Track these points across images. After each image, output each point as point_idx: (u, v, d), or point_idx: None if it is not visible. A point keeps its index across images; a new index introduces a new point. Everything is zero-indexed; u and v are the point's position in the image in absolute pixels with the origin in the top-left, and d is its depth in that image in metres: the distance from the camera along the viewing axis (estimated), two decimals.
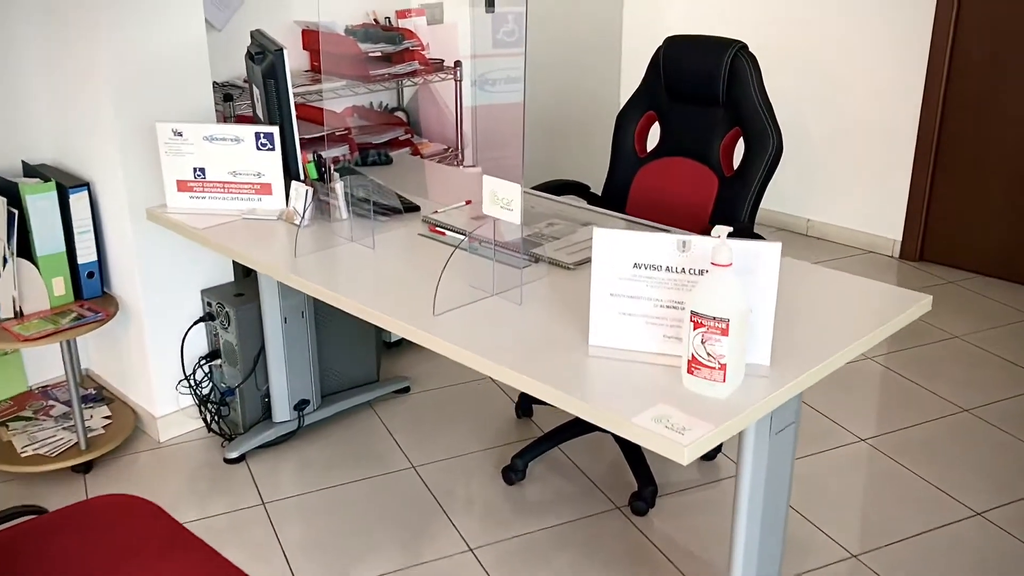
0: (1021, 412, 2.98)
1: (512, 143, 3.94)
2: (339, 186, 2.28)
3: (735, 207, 2.47)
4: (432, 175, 2.81)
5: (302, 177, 2.35)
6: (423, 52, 3.31)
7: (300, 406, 2.80)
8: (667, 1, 4.78)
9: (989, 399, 3.06)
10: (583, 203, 2.72)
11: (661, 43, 2.64)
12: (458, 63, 3.42)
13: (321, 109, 3.15)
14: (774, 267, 1.53)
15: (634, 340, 1.63)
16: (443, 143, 3.54)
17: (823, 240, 4.47)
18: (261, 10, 3.18)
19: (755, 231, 2.44)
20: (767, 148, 2.44)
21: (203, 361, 2.80)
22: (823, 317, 1.77)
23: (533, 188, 2.65)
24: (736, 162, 2.55)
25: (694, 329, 1.47)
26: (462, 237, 2.19)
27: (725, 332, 1.44)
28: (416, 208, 2.39)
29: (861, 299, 1.87)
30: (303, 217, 2.26)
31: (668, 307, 1.59)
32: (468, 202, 2.44)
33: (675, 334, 1.60)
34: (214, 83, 3.05)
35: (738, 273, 1.49)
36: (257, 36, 2.42)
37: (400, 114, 3.61)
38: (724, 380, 1.46)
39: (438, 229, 2.24)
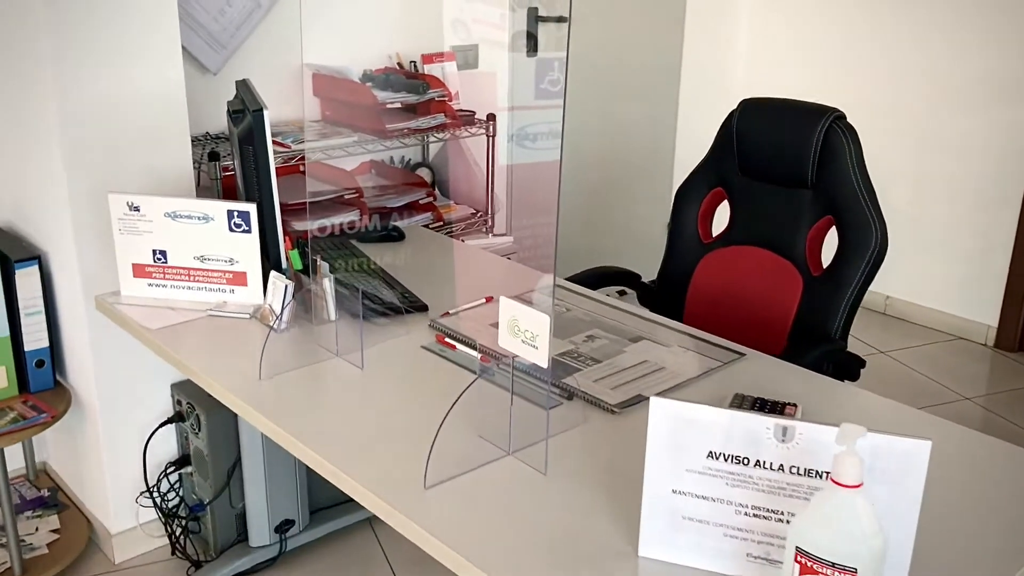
0: None
1: (551, 208, 3.47)
2: (327, 282, 1.81)
3: (826, 316, 1.96)
4: (452, 256, 2.34)
5: (284, 266, 1.89)
6: (451, 103, 2.86)
7: (283, 527, 2.33)
8: (733, 53, 4.29)
9: None
10: (633, 301, 2.23)
11: (736, 106, 2.16)
12: (491, 116, 2.97)
13: (329, 167, 2.71)
14: (919, 478, 1.03)
15: (704, 558, 1.13)
16: (471, 206, 3.09)
17: (903, 321, 3.92)
18: (266, 51, 2.75)
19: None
20: (869, 244, 1.93)
21: (170, 469, 2.35)
22: (959, 520, 1.26)
23: (569, 278, 2.17)
24: (825, 256, 2.05)
25: (799, 574, 0.97)
26: (474, 354, 1.71)
27: None
28: (423, 308, 1.92)
29: (1008, 483, 1.35)
30: (280, 319, 1.80)
31: (756, 516, 1.10)
32: (489, 299, 1.97)
33: (764, 554, 1.10)
34: (204, 135, 2.63)
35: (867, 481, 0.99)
36: (240, 89, 1.98)
37: (424, 171, 3.16)
38: None
39: (448, 340, 1.77)
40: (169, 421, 2.32)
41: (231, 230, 1.87)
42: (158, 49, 2.14)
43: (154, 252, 1.91)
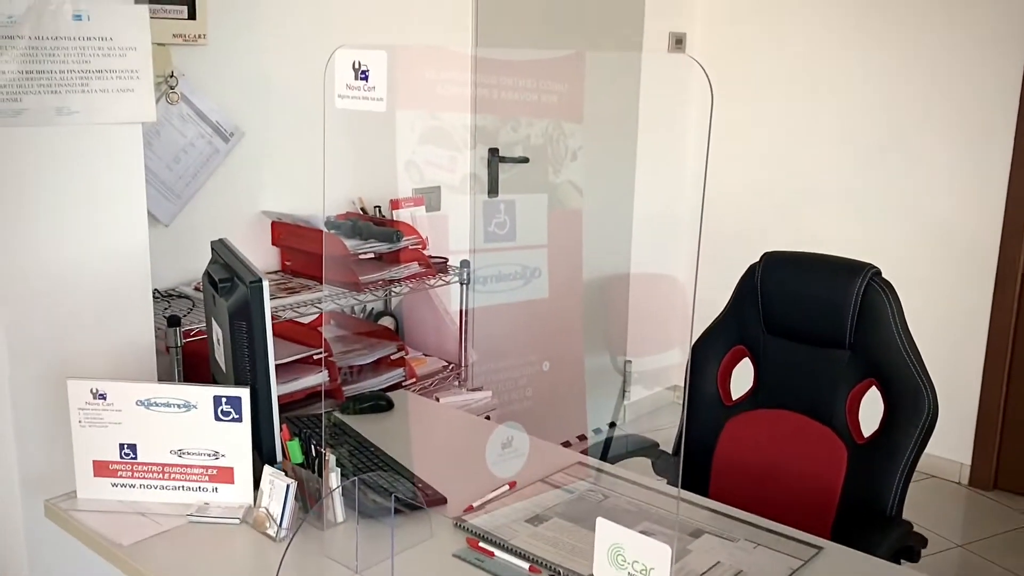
0: None
1: (517, 351, 3.26)
2: (335, 478, 1.55)
3: (880, 490, 1.80)
4: (450, 426, 2.10)
5: (279, 460, 1.62)
6: (423, 251, 2.67)
7: None
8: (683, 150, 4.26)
9: None
10: (647, 471, 2.03)
11: (758, 260, 2.03)
12: (465, 263, 2.78)
13: (296, 324, 2.45)
14: None
15: None
16: (441, 358, 2.86)
17: None
18: (219, 199, 2.51)
19: None
20: (921, 410, 1.80)
21: None
22: None
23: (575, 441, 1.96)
24: (867, 422, 1.90)
25: None
26: (519, 565, 1.46)
27: None
28: (442, 500, 1.66)
29: None
30: (280, 526, 1.52)
31: None
32: (512, 485, 1.73)
33: None
34: (154, 293, 2.34)
35: None
36: (222, 252, 1.74)
37: (388, 320, 2.93)
38: None
39: (483, 546, 1.52)
40: None
41: (217, 419, 1.59)
42: (119, 200, 1.88)
43: (121, 447, 1.61)
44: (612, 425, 3.58)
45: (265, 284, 1.56)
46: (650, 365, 4.30)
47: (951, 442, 3.61)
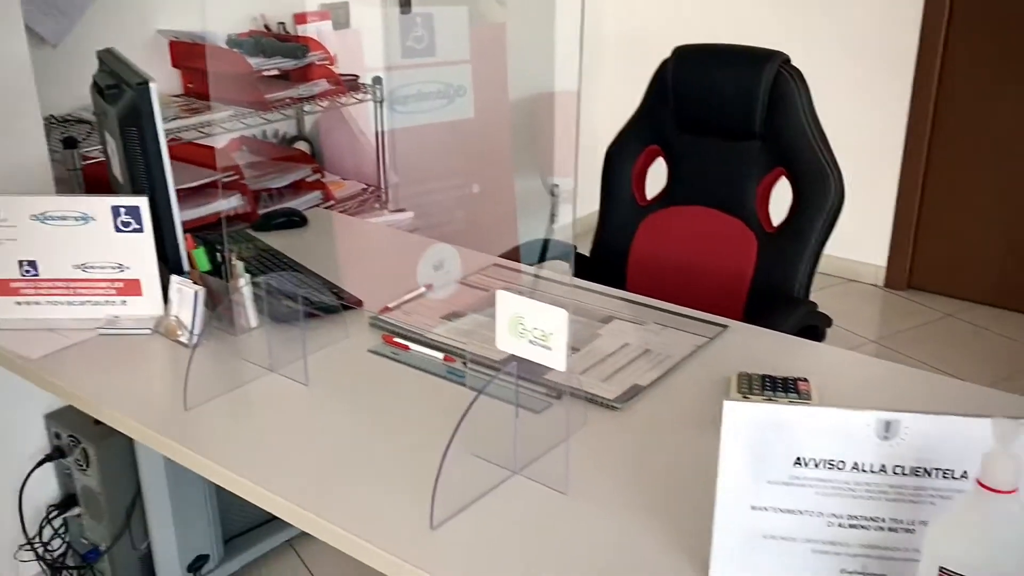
0: None
1: (441, 174, 3.23)
2: (244, 285, 1.53)
3: (788, 275, 1.85)
4: (366, 239, 2.08)
5: (186, 269, 1.59)
6: (332, 67, 2.57)
7: (196, 565, 2.03)
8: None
9: None
10: (565, 272, 2.06)
11: (669, 55, 1.99)
12: (377, 80, 2.70)
13: (201, 146, 2.37)
14: None
15: None
16: (361, 181, 2.81)
17: None
18: (111, 18, 2.37)
19: None
20: (827, 194, 1.82)
21: (53, 513, 2.00)
22: None
23: (501, 256, 1.97)
24: (775, 211, 1.93)
25: None
26: (433, 355, 1.48)
27: None
28: (358, 303, 1.66)
29: None
30: (193, 333, 1.51)
31: (853, 527, 0.94)
32: (429, 286, 1.74)
33: (861, 568, 0.95)
34: (48, 119, 2.24)
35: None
36: (108, 60, 1.65)
37: (302, 145, 2.85)
38: None
39: (397, 340, 1.53)
40: (47, 459, 1.97)
41: (118, 230, 1.55)
42: None
43: (21, 263, 1.57)
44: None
45: (153, 86, 1.49)
46: (575, 185, 4.29)
47: (868, 245, 3.73)
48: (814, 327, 1.83)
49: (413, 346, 1.51)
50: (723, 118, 1.92)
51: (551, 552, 1.04)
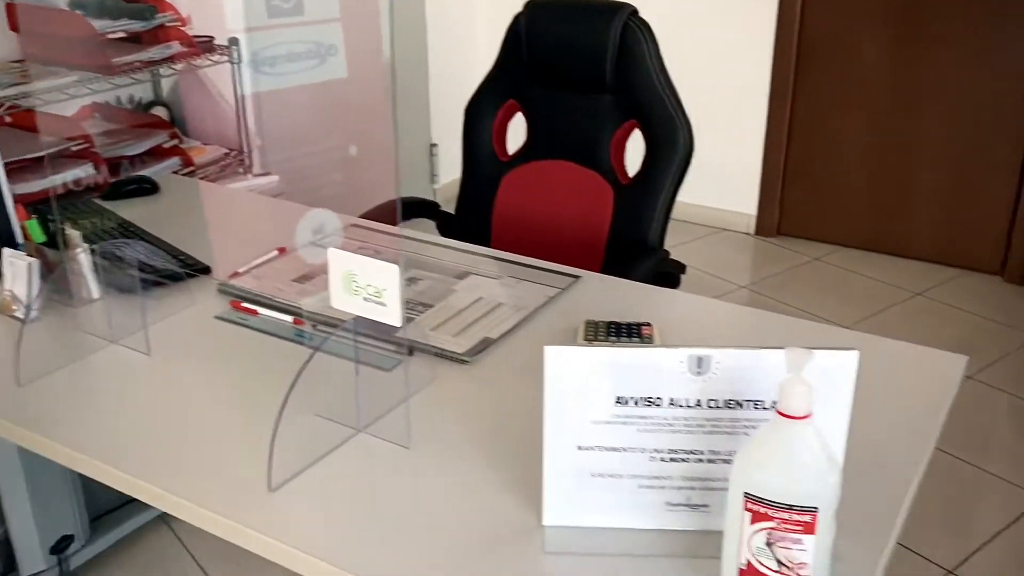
0: None
1: (310, 138, 3.17)
2: (82, 254, 1.48)
3: (643, 226, 1.88)
4: (221, 205, 2.03)
5: (20, 241, 1.53)
6: (184, 28, 2.48)
7: (61, 546, 1.97)
8: None
9: None
10: (432, 231, 2.05)
11: (521, 9, 1.99)
12: (233, 41, 2.61)
13: (47, 115, 2.26)
14: (848, 392, 0.94)
15: (619, 515, 1.00)
16: (223, 145, 2.74)
17: (674, 220, 4.00)
18: None
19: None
20: (676, 144, 1.86)
21: None
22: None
23: (363, 216, 1.95)
24: (631, 162, 1.96)
25: (752, 522, 0.86)
26: (283, 318, 1.46)
27: (810, 529, 0.84)
28: (206, 270, 1.63)
29: (883, 381, 1.33)
30: (30, 307, 1.45)
31: (674, 460, 0.98)
32: (282, 250, 1.71)
33: (685, 500, 0.99)
34: None
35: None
36: None
37: (160, 110, 2.75)
38: None
39: (245, 306, 1.50)
40: None
41: None
42: None
43: None
44: None
45: None
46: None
47: (738, 195, 3.83)
48: (669, 274, 1.88)
49: (262, 310, 1.49)
50: (576, 72, 1.94)
51: (393, 507, 1.04)
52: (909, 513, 1.05)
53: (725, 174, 3.82)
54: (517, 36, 1.99)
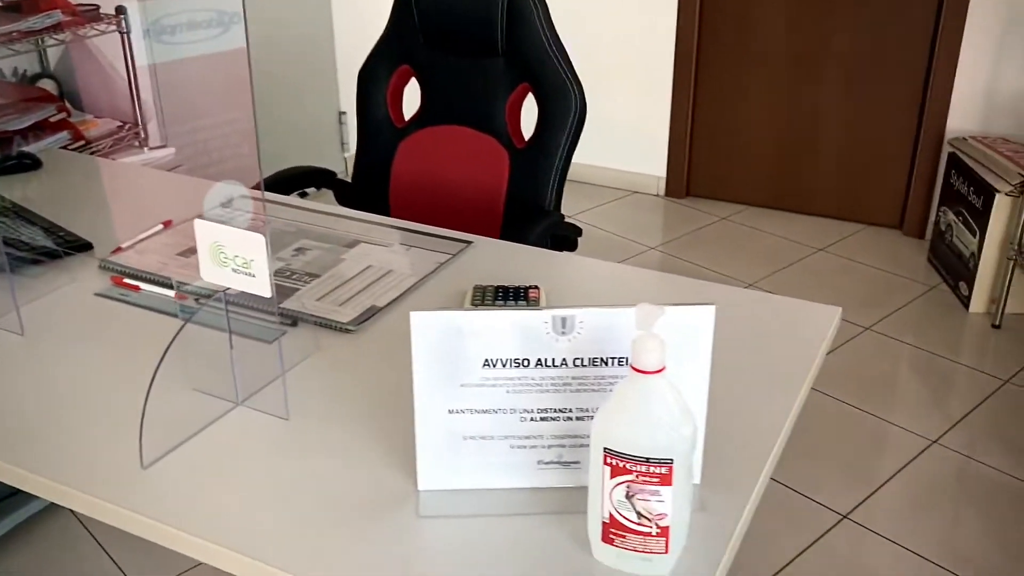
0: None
1: (209, 110, 3.09)
2: None
3: (538, 189, 1.89)
4: (106, 179, 1.98)
5: None
6: None
7: None
8: None
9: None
10: (331, 201, 2.03)
11: None
12: (120, 9, 2.53)
13: None
14: (707, 345, 0.96)
15: (492, 476, 1.01)
16: (115, 118, 2.65)
17: (584, 184, 4.03)
18: None
19: None
20: (569, 108, 1.87)
21: None
22: (722, 375, 1.24)
23: (254, 187, 1.91)
24: (527, 126, 1.96)
25: (612, 476, 0.87)
26: (166, 293, 1.43)
27: (667, 480, 0.86)
28: (87, 246, 1.58)
29: (753, 334, 1.36)
30: None
31: (544, 419, 0.99)
32: (168, 224, 1.67)
33: (557, 457, 1.00)
34: None
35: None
36: None
37: (47, 83, 2.66)
38: (667, 550, 0.89)
39: (127, 282, 1.47)
40: None
41: None
42: None
43: None
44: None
45: None
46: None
47: (648, 158, 3.87)
48: (565, 237, 1.89)
49: (144, 286, 1.45)
50: (467, 36, 1.92)
51: (269, 479, 1.04)
52: (808, 463, 1.08)
53: (635, 137, 3.85)
54: (407, 1, 1.96)
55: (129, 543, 2.05)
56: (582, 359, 0.96)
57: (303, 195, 2.06)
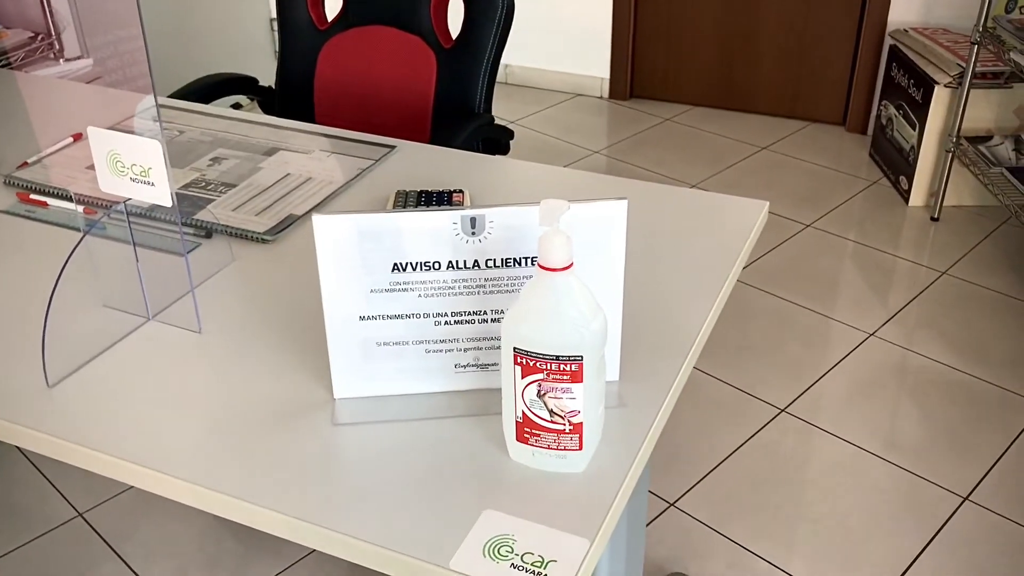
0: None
1: (131, 19, 2.94)
2: None
3: (467, 90, 1.83)
4: (15, 92, 1.88)
5: None
6: None
7: None
8: None
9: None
10: (255, 109, 1.96)
11: None
12: None
13: None
14: (620, 240, 0.94)
15: (408, 382, 0.99)
16: (27, 28, 2.51)
17: (526, 87, 3.95)
18: None
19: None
20: (495, 6, 1.80)
21: None
22: (647, 272, 1.23)
23: (172, 95, 1.84)
24: (454, 27, 1.89)
25: (523, 376, 0.86)
26: (74, 208, 1.38)
27: (577, 377, 0.85)
28: None
29: (675, 228, 1.35)
30: None
31: (459, 322, 0.97)
32: (77, 137, 1.60)
33: (473, 360, 0.99)
34: None
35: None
36: None
37: None
38: (581, 446, 0.89)
39: (34, 197, 1.41)
40: None
41: None
42: None
43: None
44: None
45: None
46: None
47: (592, 59, 3.79)
48: (496, 140, 1.85)
49: (52, 201, 1.39)
50: None
51: (181, 393, 1.01)
52: (747, 359, 1.07)
53: (578, 38, 3.77)
54: None
55: (65, 467, 2.02)
56: (494, 260, 0.93)
57: (236, 107, 1.99)
